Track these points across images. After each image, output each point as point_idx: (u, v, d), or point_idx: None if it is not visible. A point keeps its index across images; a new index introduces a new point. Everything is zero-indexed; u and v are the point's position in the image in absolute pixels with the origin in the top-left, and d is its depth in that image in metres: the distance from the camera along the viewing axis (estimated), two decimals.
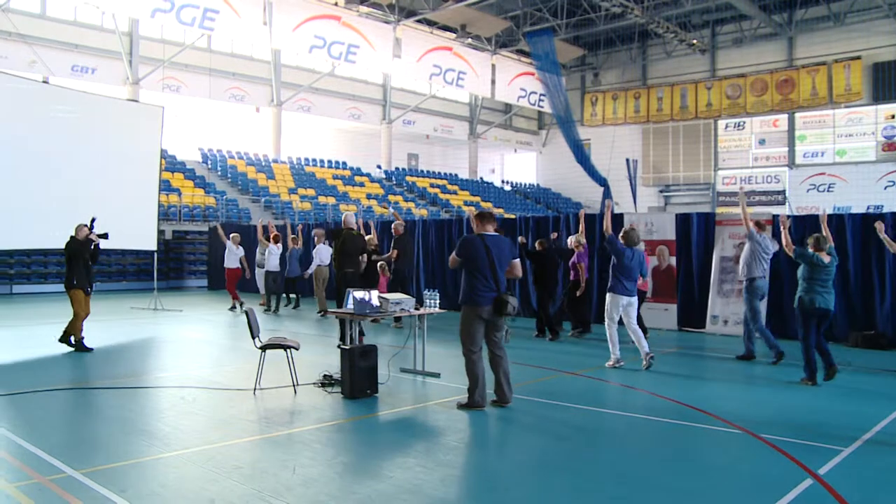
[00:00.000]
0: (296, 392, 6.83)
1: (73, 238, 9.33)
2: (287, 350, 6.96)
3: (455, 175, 39.30)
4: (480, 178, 40.41)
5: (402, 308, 7.31)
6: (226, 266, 15.15)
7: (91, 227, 9.46)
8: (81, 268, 9.26)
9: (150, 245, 15.58)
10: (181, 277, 22.11)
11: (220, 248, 16.06)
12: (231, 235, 15.34)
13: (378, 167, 35.27)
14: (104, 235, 9.58)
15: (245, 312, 7.19)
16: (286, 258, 15.36)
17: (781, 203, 32.74)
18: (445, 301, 8.48)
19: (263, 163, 30.25)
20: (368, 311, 7.02)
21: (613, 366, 8.36)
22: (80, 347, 9.27)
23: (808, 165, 33.98)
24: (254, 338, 6.91)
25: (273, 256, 14.63)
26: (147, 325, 12.56)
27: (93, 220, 9.56)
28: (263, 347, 6.91)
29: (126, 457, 4.87)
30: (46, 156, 12.94)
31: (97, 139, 14.00)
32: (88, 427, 5.84)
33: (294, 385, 6.96)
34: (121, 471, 4.57)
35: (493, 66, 36.84)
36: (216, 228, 17.38)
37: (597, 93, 40.93)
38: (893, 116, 31.70)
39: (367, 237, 11.79)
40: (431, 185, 35.66)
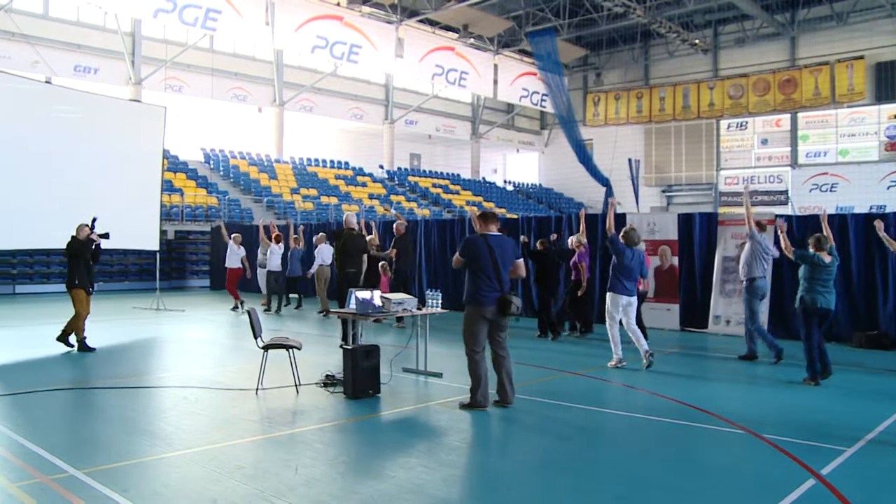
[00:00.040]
0: (298, 392, 6.83)
1: (75, 238, 9.34)
2: (289, 350, 6.96)
3: (457, 175, 39.26)
4: (483, 179, 40.38)
5: (405, 308, 7.32)
6: (227, 266, 15.17)
7: (92, 227, 9.47)
8: (83, 268, 9.27)
9: (153, 245, 15.62)
10: (183, 277, 22.13)
11: (223, 248, 16.06)
12: (232, 235, 15.34)
13: (380, 167, 35.25)
14: (105, 235, 9.59)
15: (247, 312, 7.19)
16: (288, 258, 15.37)
17: (784, 203, 32.69)
18: (447, 301, 8.47)
19: (266, 163, 30.25)
20: (371, 311, 7.03)
21: (616, 366, 8.36)
22: (83, 347, 9.27)
23: (811, 165, 33.93)
24: (256, 338, 6.91)
25: (275, 256, 14.63)
26: (149, 325, 12.57)
27: (94, 220, 9.56)
28: (266, 347, 6.91)
29: (128, 456, 4.88)
30: (49, 156, 12.98)
31: (99, 139, 14.03)
32: (91, 427, 5.85)
33: (296, 385, 6.96)
34: (123, 470, 4.57)
35: (496, 66, 36.82)
36: (219, 228, 17.39)
37: (599, 93, 40.92)
38: None
39: (369, 237, 11.79)
40: (434, 186, 35.63)
